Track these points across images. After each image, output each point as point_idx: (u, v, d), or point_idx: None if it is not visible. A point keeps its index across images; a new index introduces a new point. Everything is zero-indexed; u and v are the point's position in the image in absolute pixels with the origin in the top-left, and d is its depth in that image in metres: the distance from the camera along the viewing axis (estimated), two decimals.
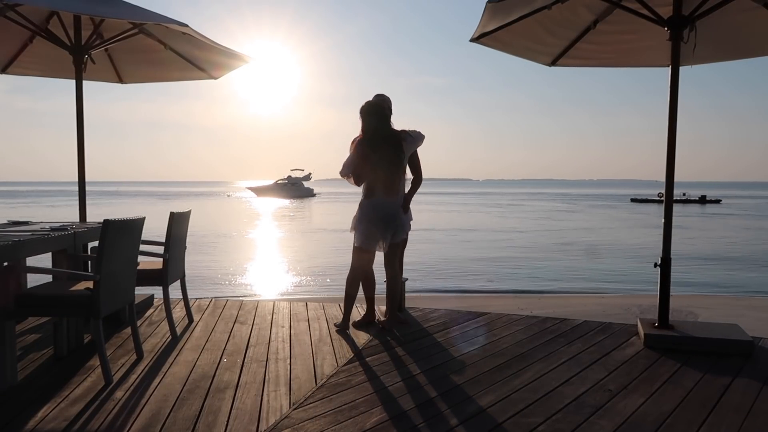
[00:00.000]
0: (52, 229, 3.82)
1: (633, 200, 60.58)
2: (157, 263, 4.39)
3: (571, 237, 23.14)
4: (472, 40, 4.43)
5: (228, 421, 2.80)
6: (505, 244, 20.69)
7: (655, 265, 4.18)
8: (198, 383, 3.31)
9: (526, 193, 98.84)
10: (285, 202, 55.52)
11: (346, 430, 2.71)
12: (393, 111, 4.46)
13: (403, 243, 4.60)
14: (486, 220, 34.13)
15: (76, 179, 5.33)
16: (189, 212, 4.67)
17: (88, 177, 5.43)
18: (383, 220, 4.31)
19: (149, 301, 5.25)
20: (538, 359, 3.77)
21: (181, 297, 4.85)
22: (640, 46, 4.89)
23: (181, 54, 5.57)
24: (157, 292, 4.68)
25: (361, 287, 4.57)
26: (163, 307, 4.55)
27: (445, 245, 20.02)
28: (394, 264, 4.48)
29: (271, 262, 16.58)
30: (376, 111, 4.32)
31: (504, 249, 19.00)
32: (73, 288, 3.42)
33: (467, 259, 16.36)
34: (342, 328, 4.48)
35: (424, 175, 4.50)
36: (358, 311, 4.90)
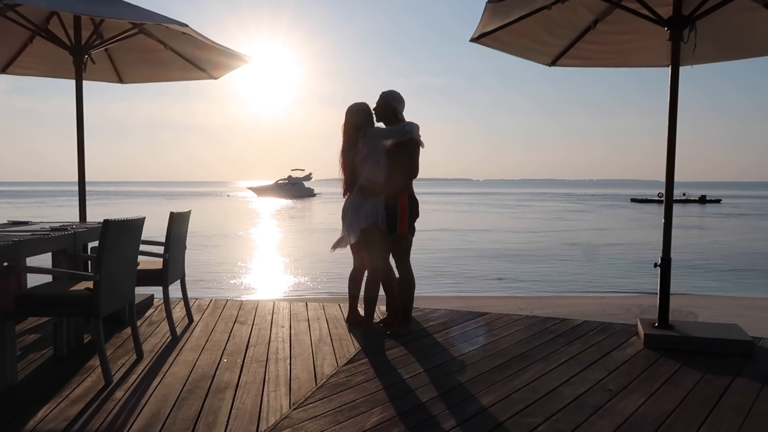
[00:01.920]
0: (52, 229, 3.82)
1: (633, 200, 60.60)
2: (157, 263, 4.39)
3: (597, 238, 22.89)
4: (472, 40, 4.43)
5: (228, 421, 2.80)
6: (523, 245, 20.44)
7: (655, 265, 4.18)
8: (198, 383, 3.31)
9: (530, 193, 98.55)
10: (285, 202, 55.53)
11: (346, 430, 2.71)
12: (393, 106, 4.22)
13: (398, 245, 4.22)
14: (498, 220, 33.85)
15: (76, 179, 5.33)
16: (189, 212, 4.67)
17: (89, 177, 5.43)
18: (343, 219, 4.37)
19: (149, 301, 5.25)
20: (538, 359, 3.77)
21: (181, 297, 4.85)
22: (640, 46, 4.88)
23: (181, 54, 5.57)
24: (157, 292, 4.68)
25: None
26: (163, 307, 4.55)
27: (466, 246, 19.92)
28: (369, 266, 4.27)
29: (271, 262, 16.58)
30: (354, 112, 4.30)
31: (524, 250, 18.79)
32: (73, 288, 3.42)
33: (492, 260, 16.27)
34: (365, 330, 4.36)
35: (426, 174, 4.42)
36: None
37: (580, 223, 31.08)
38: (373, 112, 4.33)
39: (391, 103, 4.27)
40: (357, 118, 4.28)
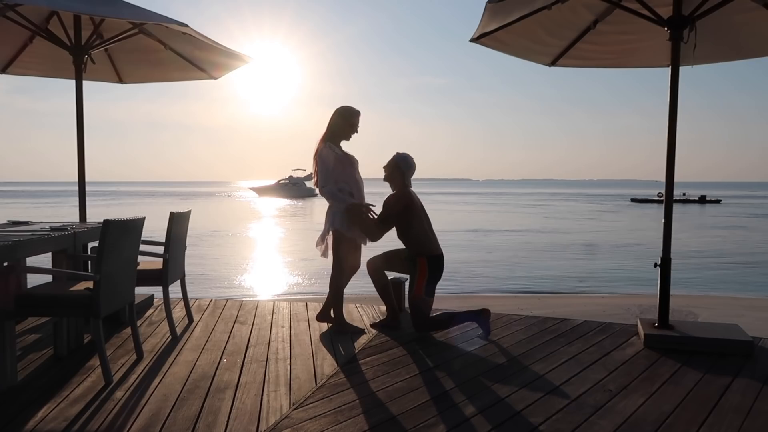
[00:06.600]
0: (52, 229, 3.82)
1: (633, 200, 60.58)
2: (157, 263, 4.39)
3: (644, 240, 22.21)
4: (472, 40, 4.43)
5: (228, 421, 2.80)
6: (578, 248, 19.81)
7: (655, 265, 4.18)
8: (198, 383, 3.31)
9: (538, 193, 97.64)
10: (287, 202, 55.54)
11: (346, 430, 2.71)
12: (402, 170, 4.34)
13: (416, 306, 4.32)
14: (523, 221, 33.36)
15: (76, 179, 5.33)
16: (189, 212, 4.67)
17: (89, 177, 5.44)
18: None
19: (149, 301, 5.25)
20: (538, 359, 3.77)
21: (181, 297, 4.85)
22: (640, 46, 4.88)
23: (181, 54, 5.57)
24: (157, 292, 4.68)
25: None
26: (163, 307, 4.55)
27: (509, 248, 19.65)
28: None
29: (272, 262, 16.58)
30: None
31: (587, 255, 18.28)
32: (73, 288, 3.42)
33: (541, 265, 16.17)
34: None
35: (426, 174, 4.47)
36: (358, 311, 4.91)
37: (618, 224, 30.53)
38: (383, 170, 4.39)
39: (400, 167, 4.34)
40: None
